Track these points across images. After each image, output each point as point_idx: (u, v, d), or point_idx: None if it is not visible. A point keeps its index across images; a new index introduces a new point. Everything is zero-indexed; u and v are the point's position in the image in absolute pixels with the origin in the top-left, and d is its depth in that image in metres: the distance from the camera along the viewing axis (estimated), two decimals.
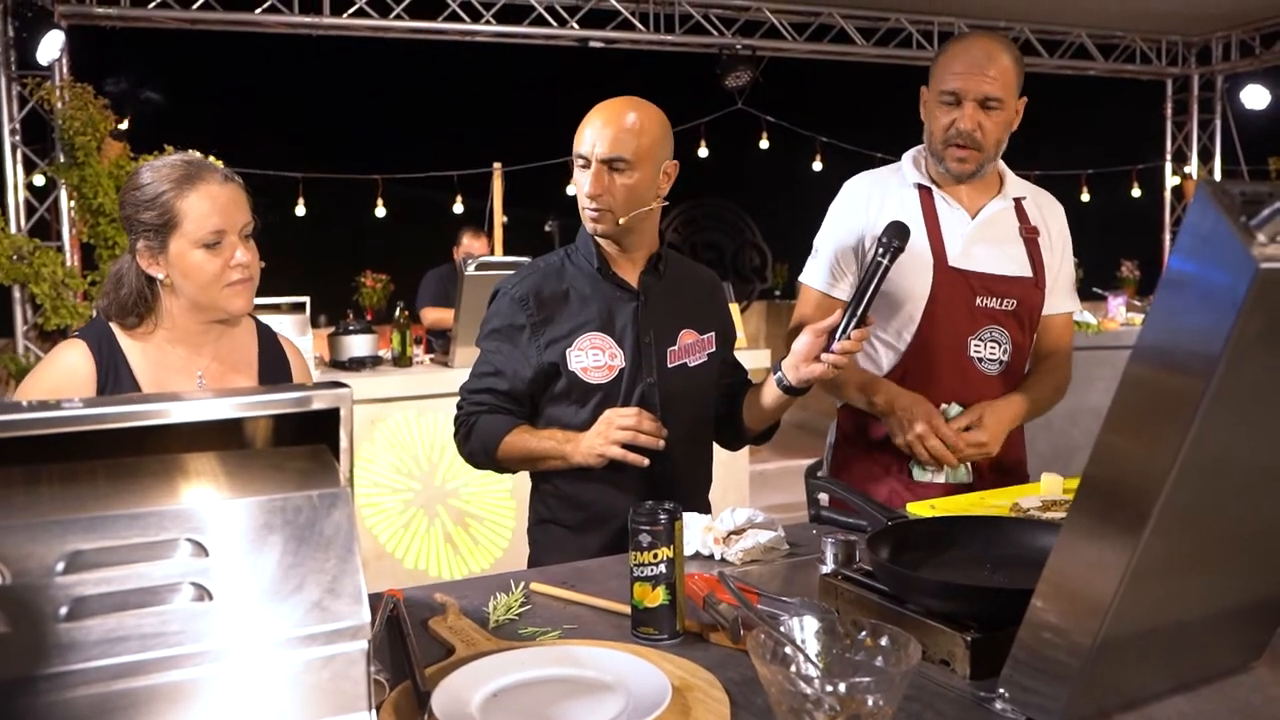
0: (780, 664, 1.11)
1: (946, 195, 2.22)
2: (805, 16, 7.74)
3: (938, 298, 2.16)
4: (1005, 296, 2.19)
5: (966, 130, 2.11)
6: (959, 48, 2.14)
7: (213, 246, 1.76)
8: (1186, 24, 8.55)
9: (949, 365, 2.18)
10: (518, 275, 2.06)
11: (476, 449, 2.02)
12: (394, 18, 6.83)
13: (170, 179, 1.75)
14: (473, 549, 4.67)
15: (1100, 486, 1.05)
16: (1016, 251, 2.23)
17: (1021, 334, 2.23)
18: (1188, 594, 1.15)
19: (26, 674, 0.85)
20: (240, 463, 1.03)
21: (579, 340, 1.99)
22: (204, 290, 1.77)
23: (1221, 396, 0.93)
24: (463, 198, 8.07)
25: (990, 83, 2.09)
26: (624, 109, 1.96)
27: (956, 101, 2.11)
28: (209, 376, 1.86)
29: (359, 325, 4.90)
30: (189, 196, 1.74)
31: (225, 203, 1.77)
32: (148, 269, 1.78)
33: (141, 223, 1.75)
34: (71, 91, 5.80)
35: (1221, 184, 0.91)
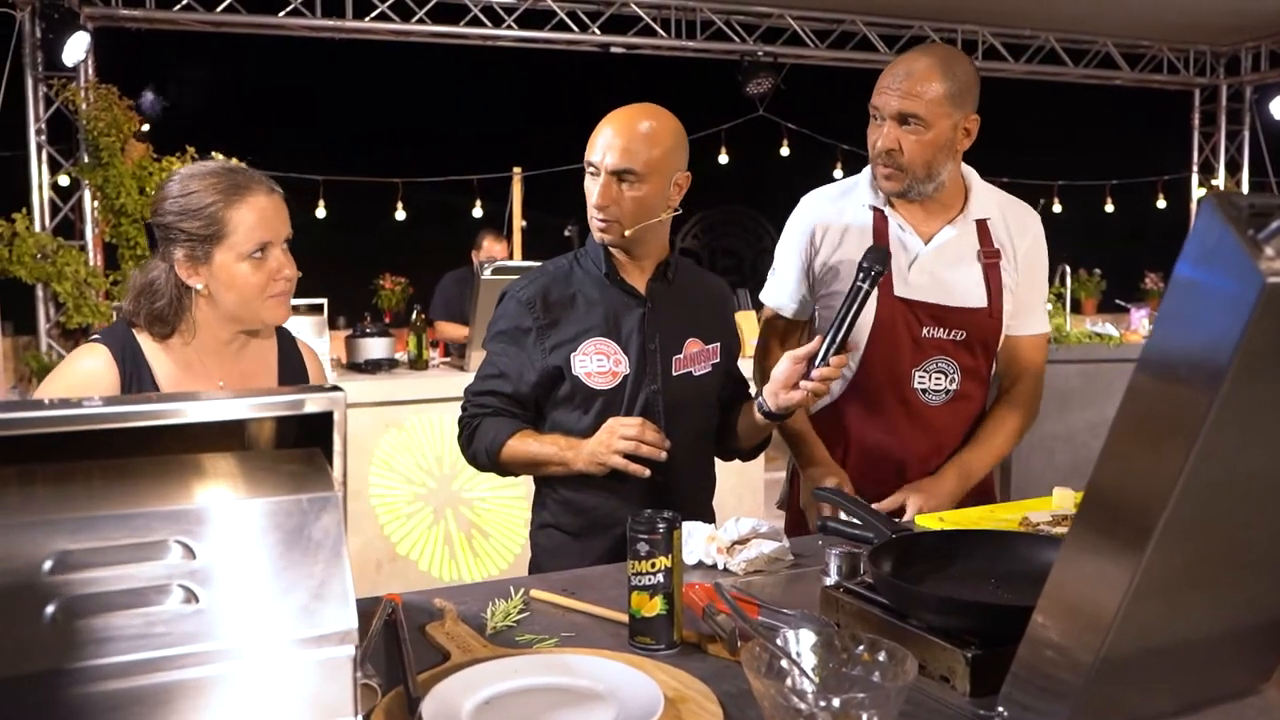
0: (775, 677, 1.09)
1: (901, 218, 2.15)
2: (828, 24, 7.72)
3: (880, 328, 2.12)
4: (954, 327, 2.13)
5: (883, 149, 2.06)
6: (893, 64, 2.07)
7: (258, 258, 1.74)
8: (1215, 34, 8.48)
9: (891, 396, 2.15)
10: (526, 278, 2.05)
11: (479, 451, 2.01)
12: (416, 22, 6.86)
13: (218, 189, 1.72)
14: (485, 553, 4.67)
15: (1104, 500, 1.03)
16: (971, 279, 2.16)
17: (974, 361, 2.17)
18: (1193, 612, 1.13)
19: (12, 674, 0.84)
20: (232, 465, 1.03)
21: (584, 345, 1.98)
22: (246, 302, 1.75)
23: (1228, 410, 0.91)
24: (482, 202, 8.09)
25: (908, 100, 2.01)
26: (637, 118, 1.95)
27: (880, 118, 2.06)
28: (232, 384, 1.84)
29: (376, 328, 4.92)
30: (238, 208, 1.72)
31: (271, 214, 1.75)
32: (187, 279, 1.74)
33: (184, 232, 1.71)
34: (96, 93, 5.86)
35: (1229, 195, 0.89)
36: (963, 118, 2.06)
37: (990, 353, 2.20)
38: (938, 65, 2.03)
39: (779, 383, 1.90)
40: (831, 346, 1.87)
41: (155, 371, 1.76)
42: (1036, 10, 7.56)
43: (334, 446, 1.04)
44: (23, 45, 6.00)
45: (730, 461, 2.27)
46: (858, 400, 2.18)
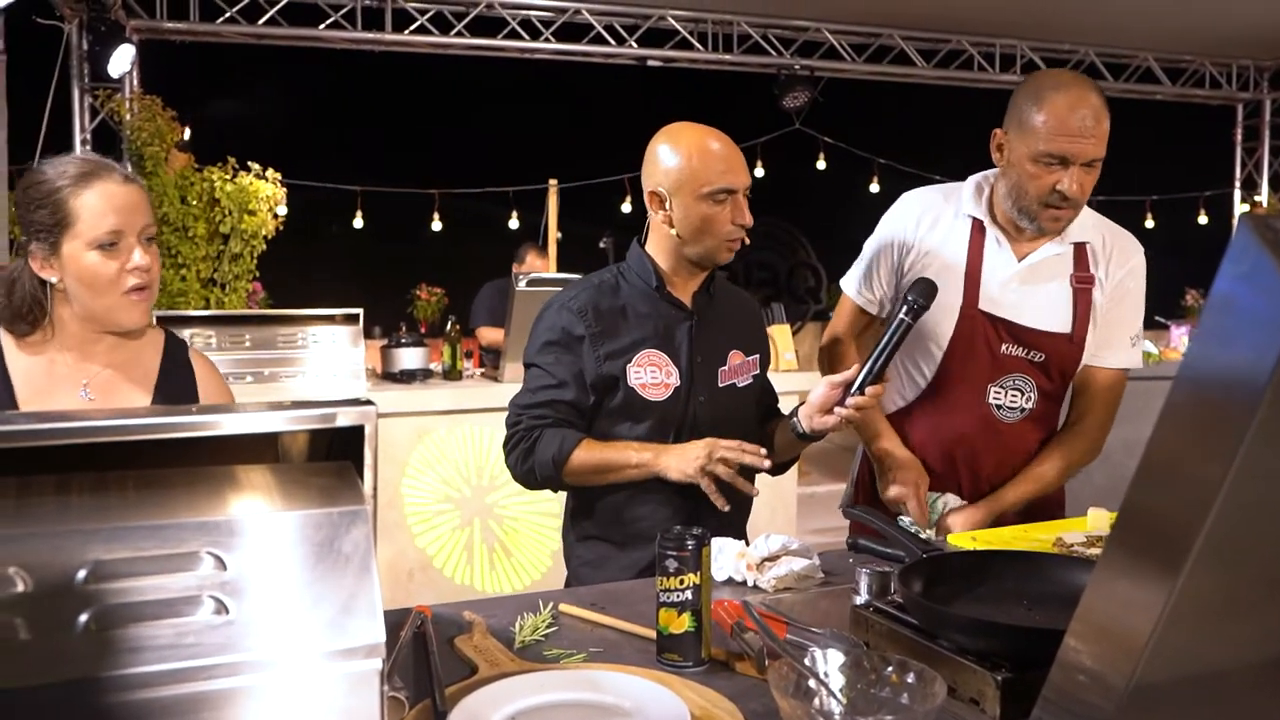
0: (802, 697, 1.09)
1: (999, 234, 2.12)
2: (865, 37, 7.70)
3: (960, 339, 2.10)
4: (1033, 348, 2.10)
5: (1073, 195, 1.99)
6: (1062, 105, 1.95)
7: (109, 248, 1.65)
8: (1258, 48, 8.37)
9: (964, 409, 2.13)
10: (573, 289, 2.05)
11: (541, 463, 1.96)
12: (455, 35, 6.93)
13: (65, 176, 1.64)
14: (516, 565, 4.68)
15: (1138, 521, 1.01)
16: (1059, 302, 2.12)
17: (1050, 384, 2.14)
18: (1230, 639, 1.11)
19: (44, 682, 0.86)
20: (264, 478, 1.04)
21: (638, 356, 1.99)
22: (98, 295, 1.67)
23: (1266, 431, 0.90)
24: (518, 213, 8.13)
25: (1097, 144, 1.96)
26: (725, 138, 2.00)
27: (1062, 164, 1.97)
28: (96, 387, 1.75)
29: (411, 338, 4.94)
30: (84, 194, 1.64)
31: (123, 202, 1.67)
32: (40, 272, 1.67)
33: (34, 222, 1.64)
34: (140, 104, 5.96)
35: (1265, 218, 0.88)
36: None
37: (1068, 378, 2.16)
38: (1102, 97, 1.99)
39: (815, 406, 1.93)
40: (868, 376, 1.87)
41: (11, 370, 1.70)
42: (1076, 24, 7.51)
43: (365, 460, 1.05)
44: (70, 57, 6.12)
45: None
46: (931, 408, 2.16)
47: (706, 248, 1.99)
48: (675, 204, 1.97)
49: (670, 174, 1.96)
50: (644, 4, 7.16)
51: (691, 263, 2.03)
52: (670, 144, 1.98)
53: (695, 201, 1.95)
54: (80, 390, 1.73)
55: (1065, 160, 1.97)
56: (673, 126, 2.02)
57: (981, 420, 2.13)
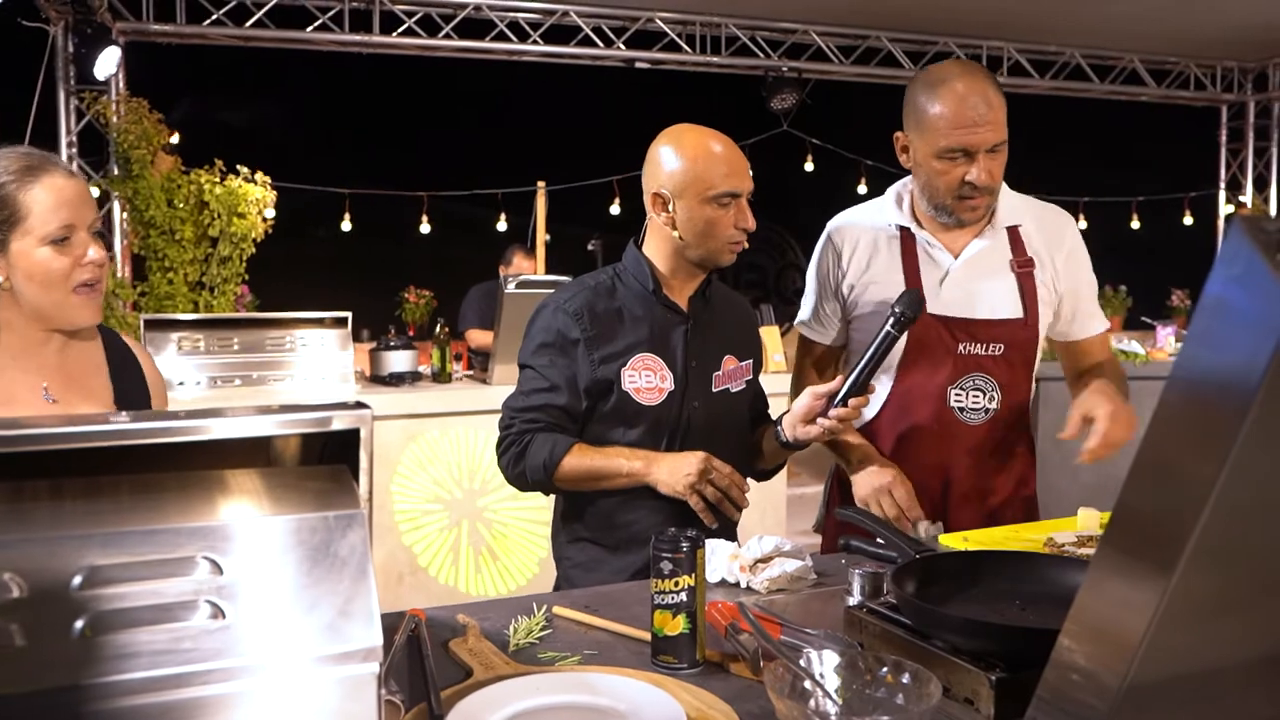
0: (798, 698, 1.09)
1: (930, 236, 2.13)
2: (852, 39, 7.73)
3: (915, 347, 2.09)
4: (990, 341, 2.10)
5: (983, 184, 2.01)
6: (953, 98, 1.97)
7: (61, 243, 1.61)
8: (1242, 50, 8.42)
9: (927, 416, 2.12)
10: (568, 291, 2.05)
11: (534, 467, 1.95)
12: (442, 37, 6.91)
13: (9, 172, 1.60)
14: (506, 567, 4.67)
15: (1131, 522, 1.02)
16: (1005, 290, 2.12)
17: (1013, 376, 2.13)
18: (1223, 638, 1.12)
19: (40, 688, 0.85)
20: (259, 481, 1.03)
21: (633, 360, 1.99)
22: (49, 292, 1.63)
23: (1258, 432, 0.90)
24: (507, 215, 8.12)
25: (995, 129, 1.97)
26: (729, 141, 2.00)
27: (966, 155, 1.99)
28: (56, 389, 1.71)
29: (400, 341, 4.93)
30: (32, 189, 1.60)
31: (72, 195, 1.63)
32: None
33: None
34: (127, 106, 5.94)
35: (1257, 219, 0.88)
36: None
37: (1030, 367, 2.16)
38: (991, 82, 2.00)
39: (798, 416, 1.95)
40: (852, 388, 1.89)
41: None
42: (1062, 26, 7.54)
43: (360, 464, 1.05)
44: (55, 59, 6.09)
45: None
46: (894, 420, 2.15)
47: (709, 250, 1.99)
48: (679, 206, 1.97)
49: (674, 176, 1.96)
50: (632, 6, 7.16)
51: (692, 265, 2.03)
52: (674, 146, 1.98)
53: (699, 204, 1.95)
54: (41, 393, 1.69)
55: (967, 151, 1.98)
56: (676, 128, 2.02)
57: (945, 425, 2.11)
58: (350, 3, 6.66)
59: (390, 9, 6.77)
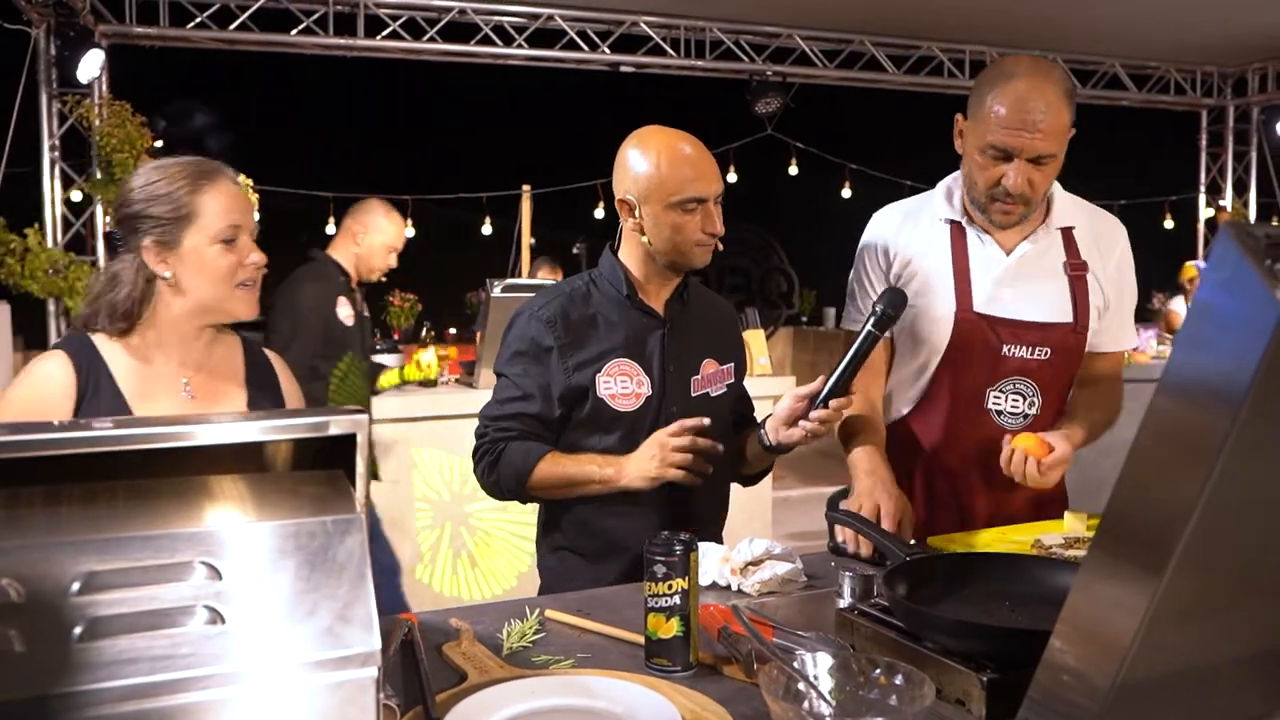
0: (792, 700, 1.10)
1: (979, 231, 2.05)
2: (836, 44, 7.76)
3: (957, 345, 2.02)
4: (1037, 345, 2.02)
5: (1017, 191, 1.92)
6: (1013, 96, 1.87)
7: (229, 243, 1.74)
8: (1222, 55, 8.50)
9: (962, 417, 2.05)
10: (542, 297, 2.03)
11: (506, 476, 1.94)
12: (427, 40, 6.91)
13: (184, 175, 1.73)
14: (492, 571, 4.67)
15: (1122, 524, 1.03)
16: (1056, 292, 2.04)
17: (1056, 380, 2.06)
18: (1212, 637, 1.13)
19: (39, 693, 0.85)
20: (256, 486, 1.04)
21: (608, 366, 1.97)
22: (214, 288, 1.74)
23: (1248, 434, 0.91)
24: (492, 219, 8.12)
25: (1045, 140, 1.87)
26: (697, 143, 1.96)
27: (1006, 158, 1.91)
28: (196, 387, 1.80)
29: (385, 345, 4.93)
30: (207, 192, 1.73)
31: (239, 199, 1.77)
32: (155, 266, 1.72)
33: (152, 218, 1.71)
34: (110, 109, 5.90)
35: (1246, 226, 0.90)
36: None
37: (1071, 371, 2.09)
38: (1060, 90, 1.89)
39: (780, 419, 1.93)
40: (834, 389, 1.86)
41: (114, 371, 1.74)
42: (1044, 31, 7.59)
43: (356, 468, 1.05)
44: (38, 62, 6.05)
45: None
46: (928, 420, 2.09)
47: (677, 255, 1.97)
48: (644, 212, 1.94)
49: (639, 181, 1.93)
50: (617, 10, 7.17)
51: (664, 269, 2.01)
52: (640, 149, 1.94)
53: (664, 210, 1.92)
54: (181, 390, 1.79)
55: (1009, 154, 1.90)
56: (642, 131, 1.98)
57: (979, 428, 2.04)
58: (335, 6, 6.64)
59: (375, 13, 6.76)
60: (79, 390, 1.70)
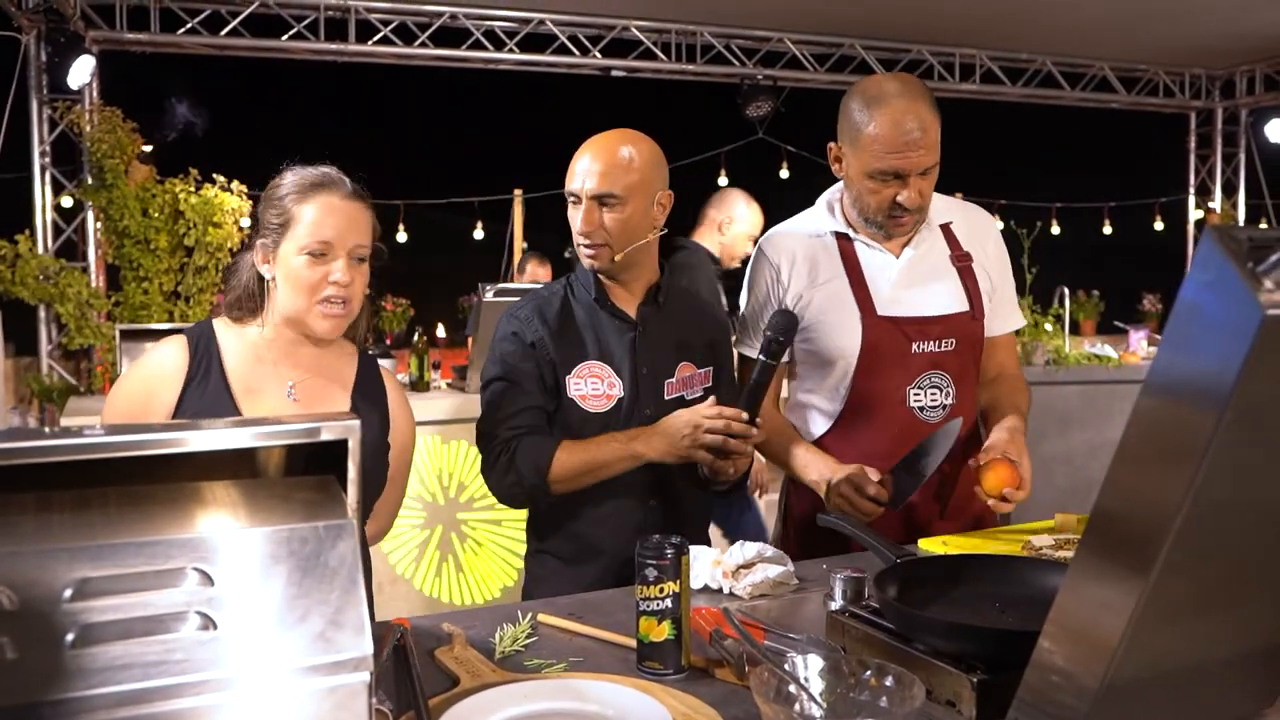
0: (783, 702, 1.10)
1: (867, 239, 2.13)
2: (826, 48, 7.78)
3: (870, 351, 2.08)
4: (943, 337, 2.10)
5: (914, 204, 2.02)
6: (888, 121, 1.96)
7: (316, 256, 1.75)
8: (1210, 57, 8.54)
9: (888, 419, 2.10)
10: (521, 302, 2.07)
11: (526, 473, 1.92)
12: (418, 46, 6.91)
13: (297, 185, 1.79)
14: (484, 576, 4.67)
15: (1109, 525, 1.04)
16: (950, 285, 2.14)
17: (964, 368, 2.14)
18: (1199, 637, 1.14)
19: (31, 700, 0.85)
20: (248, 492, 1.04)
21: (578, 368, 1.99)
22: (296, 298, 1.76)
23: (1232, 435, 0.92)
24: (483, 223, 8.12)
25: (927, 153, 1.97)
26: (614, 143, 1.98)
27: (897, 178, 1.99)
28: (300, 389, 1.83)
29: (377, 349, 4.92)
30: (308, 203, 1.76)
31: (340, 217, 1.77)
32: (260, 265, 1.80)
33: (265, 221, 1.79)
34: (101, 115, 5.89)
35: (1228, 229, 0.91)
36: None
37: (976, 357, 2.18)
38: (928, 103, 1.99)
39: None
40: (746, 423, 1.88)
41: (226, 360, 1.79)
42: (1033, 34, 7.62)
43: (348, 474, 1.06)
44: (28, 68, 6.04)
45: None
46: (855, 425, 2.13)
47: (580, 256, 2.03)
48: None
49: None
50: (607, 15, 7.18)
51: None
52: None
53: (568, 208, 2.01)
54: (286, 389, 1.82)
55: (899, 174, 1.99)
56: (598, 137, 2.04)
57: (906, 427, 2.09)
58: (325, 12, 6.64)
59: (366, 18, 6.76)
60: (189, 373, 1.76)
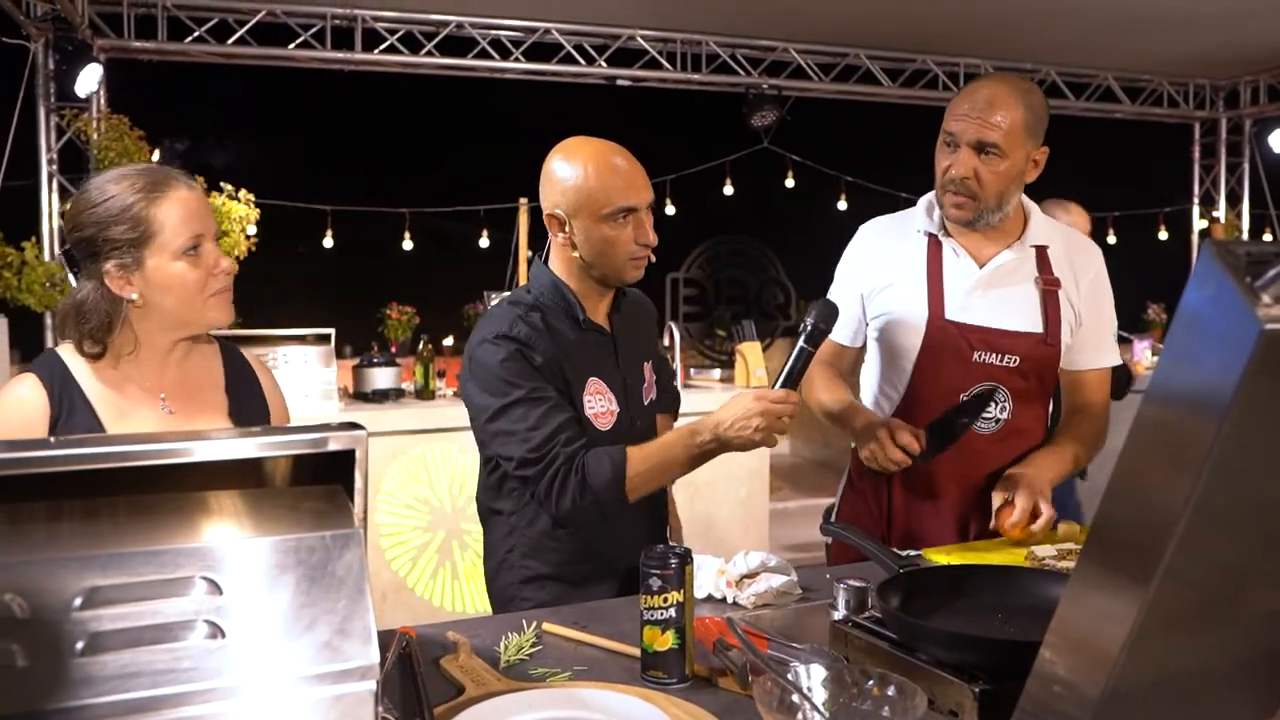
0: (786, 712, 1.11)
1: (956, 244, 2.14)
2: (831, 57, 7.79)
3: (929, 351, 2.10)
4: (1007, 352, 2.09)
5: (959, 177, 2.02)
6: (969, 89, 2.05)
7: (193, 254, 1.65)
8: (1214, 68, 8.54)
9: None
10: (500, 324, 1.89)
11: (601, 486, 1.79)
12: (424, 54, 6.93)
13: (136, 189, 1.63)
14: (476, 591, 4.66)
15: (1110, 533, 1.05)
16: (1027, 304, 2.13)
17: (1027, 386, 2.12)
18: (1201, 646, 1.15)
19: (42, 708, 0.86)
20: (256, 502, 1.05)
21: (587, 386, 1.93)
22: (187, 303, 1.67)
23: (1233, 445, 0.93)
24: (489, 231, 8.14)
25: (989, 129, 1.98)
26: (625, 152, 1.92)
27: (955, 144, 2.02)
28: (173, 399, 1.74)
29: (383, 358, 4.94)
30: (161, 204, 1.63)
31: (197, 208, 1.67)
32: (120, 291, 1.64)
33: (111, 240, 1.61)
34: (108, 123, 5.92)
35: (1227, 243, 0.91)
36: (1034, 148, 2.06)
37: (1046, 381, 2.16)
38: (1016, 94, 2.01)
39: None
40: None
41: (87, 391, 1.68)
42: (1038, 44, 7.63)
43: (355, 484, 1.07)
44: (36, 76, 6.06)
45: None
46: (910, 422, 2.08)
47: (611, 269, 1.91)
48: (575, 226, 1.88)
49: (568, 194, 1.87)
50: (613, 24, 7.19)
51: (598, 283, 1.96)
52: (567, 161, 1.89)
53: (596, 223, 1.87)
54: (159, 403, 1.73)
55: (956, 140, 2.02)
56: (567, 142, 1.92)
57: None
58: (332, 20, 6.67)
59: (372, 26, 6.78)
60: (54, 411, 1.65)
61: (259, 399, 1.88)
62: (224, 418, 1.80)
